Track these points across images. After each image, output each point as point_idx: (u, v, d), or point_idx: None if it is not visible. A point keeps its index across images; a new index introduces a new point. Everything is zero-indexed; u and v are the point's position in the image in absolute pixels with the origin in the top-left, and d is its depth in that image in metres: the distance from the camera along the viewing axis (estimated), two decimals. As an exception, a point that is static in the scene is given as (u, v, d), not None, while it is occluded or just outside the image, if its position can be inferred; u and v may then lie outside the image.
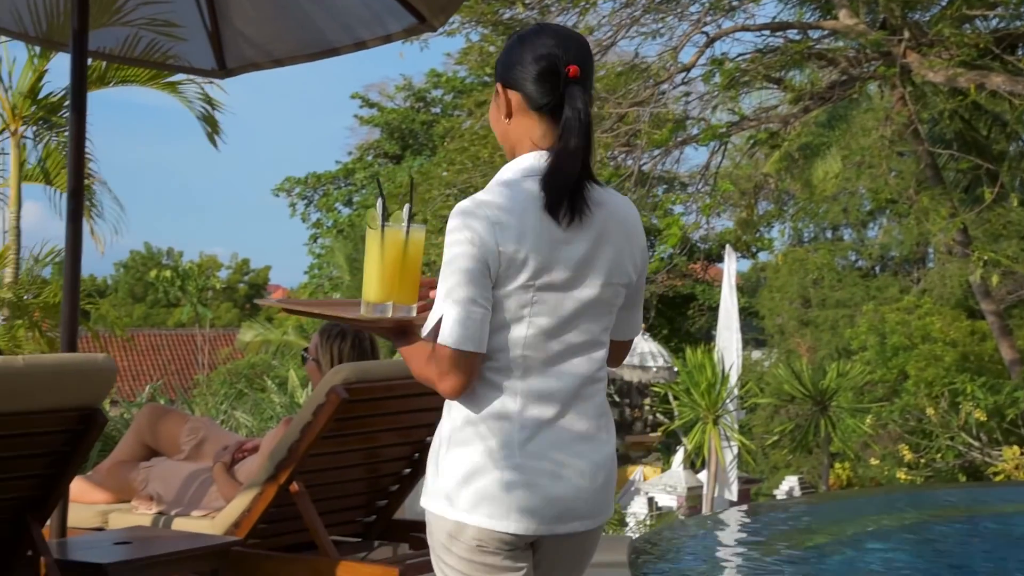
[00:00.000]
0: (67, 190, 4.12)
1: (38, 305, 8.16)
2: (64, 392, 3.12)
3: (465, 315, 2.18)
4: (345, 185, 31.63)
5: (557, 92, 2.24)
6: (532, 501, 2.22)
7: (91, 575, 3.43)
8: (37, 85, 8.91)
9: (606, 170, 18.13)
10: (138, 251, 46.25)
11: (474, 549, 2.24)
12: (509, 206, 2.21)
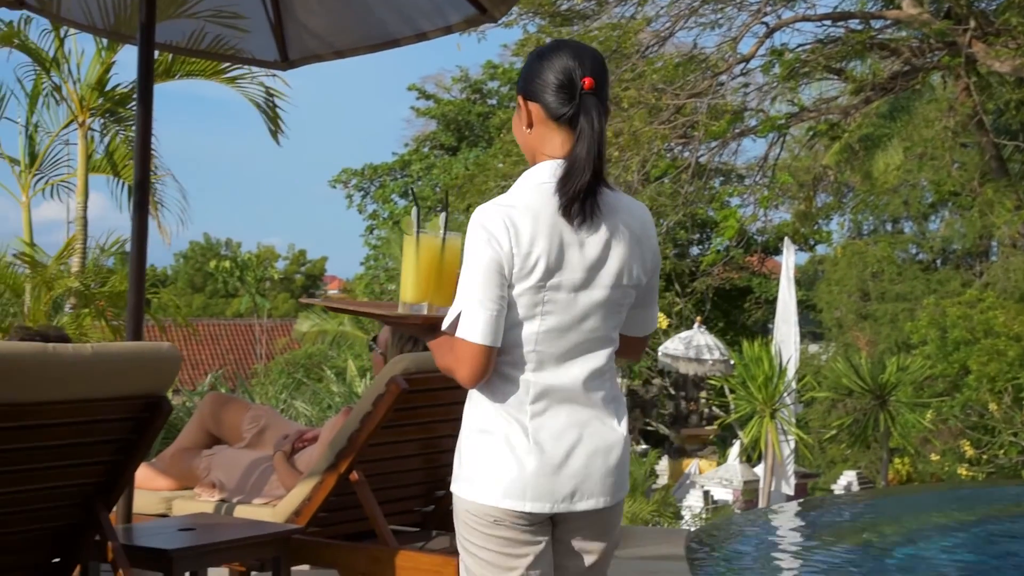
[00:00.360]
0: (133, 181, 4.18)
1: (104, 294, 8.28)
2: (131, 380, 3.16)
3: (482, 312, 2.36)
4: (401, 176, 31.75)
5: (574, 103, 2.41)
6: (545, 482, 2.41)
7: (156, 560, 3.48)
8: (104, 77, 9.01)
9: (663, 162, 18.04)
10: (197, 242, 46.83)
11: (494, 528, 2.43)
12: (525, 210, 2.38)
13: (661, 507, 14.21)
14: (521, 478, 2.41)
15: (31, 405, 2.94)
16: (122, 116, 9.12)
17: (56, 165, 9.37)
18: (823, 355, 23.19)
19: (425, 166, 30.73)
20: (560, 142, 2.44)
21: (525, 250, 2.36)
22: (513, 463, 2.41)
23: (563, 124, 2.43)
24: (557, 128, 2.44)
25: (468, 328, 2.38)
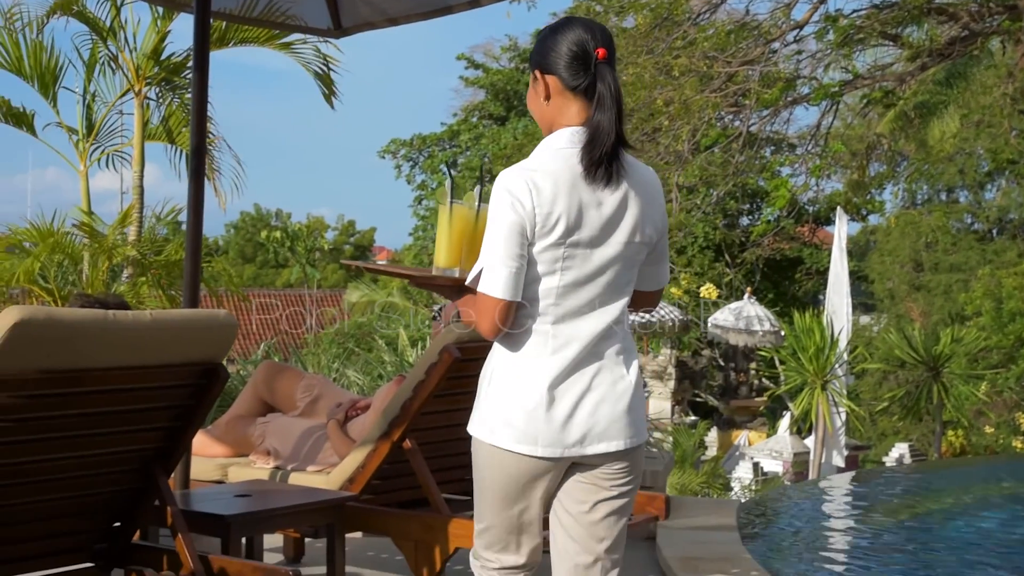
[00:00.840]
0: (189, 148, 4.21)
1: (160, 263, 8.35)
2: (188, 347, 3.19)
3: (503, 269, 2.54)
4: (450, 147, 31.74)
5: (589, 73, 2.57)
6: (555, 429, 2.58)
7: (214, 526, 3.52)
8: (160, 46, 9.04)
9: (713, 131, 17.88)
10: (248, 212, 47.16)
11: (506, 470, 2.62)
12: (547, 173, 2.55)
13: (710, 478, 14.17)
14: (533, 425, 2.58)
15: (92, 371, 2.98)
16: (177, 84, 9.15)
17: (112, 135, 9.45)
18: (875, 326, 22.97)
19: (474, 136, 30.69)
20: (576, 111, 2.60)
21: (546, 210, 2.52)
22: (527, 410, 2.58)
23: (579, 94, 2.59)
24: (573, 98, 2.59)
25: (490, 283, 2.55)
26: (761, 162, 21.69)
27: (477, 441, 2.68)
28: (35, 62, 8.88)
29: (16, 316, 2.77)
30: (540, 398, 2.58)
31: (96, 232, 8.58)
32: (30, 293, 8.27)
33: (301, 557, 4.86)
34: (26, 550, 3.25)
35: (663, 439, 7.20)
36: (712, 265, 25.09)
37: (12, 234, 8.58)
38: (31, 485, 3.11)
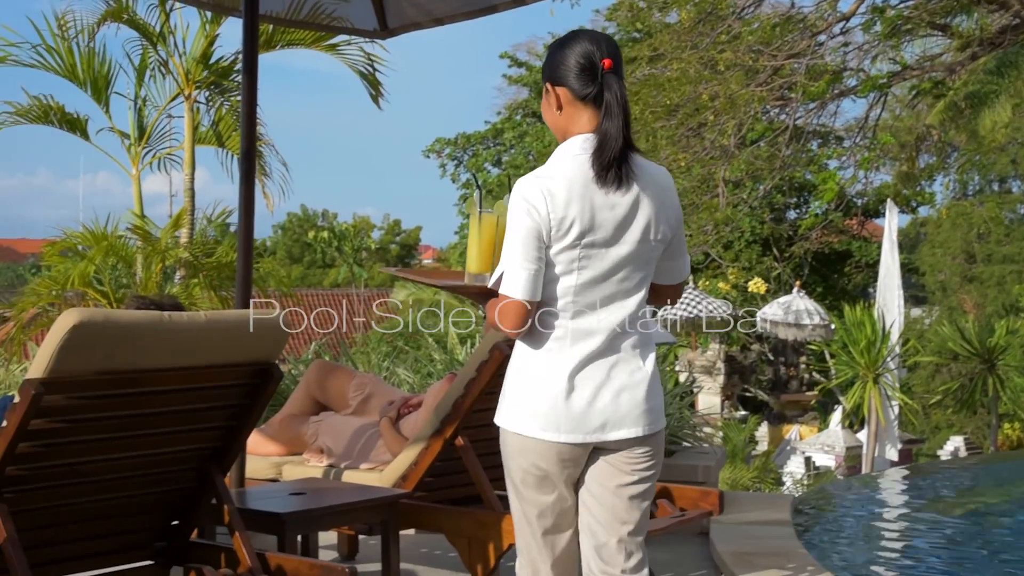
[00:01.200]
0: (240, 152, 4.24)
1: (211, 264, 8.43)
2: (242, 347, 3.22)
3: (522, 272, 2.69)
4: (494, 145, 31.75)
5: (596, 82, 2.71)
6: (577, 416, 2.73)
7: (270, 523, 3.55)
8: (209, 50, 9.12)
9: (759, 125, 17.74)
10: (295, 213, 47.49)
11: (532, 456, 2.76)
12: (561, 179, 2.69)
13: (761, 473, 14.08)
14: (555, 413, 2.73)
15: (149, 372, 3.01)
16: (226, 87, 9.23)
17: (163, 138, 9.56)
18: (926, 319, 22.70)
19: (517, 134, 30.67)
20: (587, 119, 2.74)
21: (560, 214, 2.67)
22: (550, 400, 2.73)
23: (588, 103, 2.73)
24: (583, 107, 2.74)
25: (510, 285, 2.70)
26: (808, 155, 21.49)
27: (504, 431, 2.81)
28: (88, 68, 9.00)
29: (75, 318, 2.81)
30: (561, 388, 2.73)
31: (149, 235, 8.67)
32: (85, 296, 8.39)
33: (355, 554, 4.89)
34: (88, 548, 3.30)
35: (713, 434, 7.15)
36: (760, 259, 24.91)
37: (67, 238, 8.69)
38: (91, 484, 3.15)
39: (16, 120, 9.13)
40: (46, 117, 9.17)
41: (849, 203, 22.66)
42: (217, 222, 9.39)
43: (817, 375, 20.08)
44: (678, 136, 17.14)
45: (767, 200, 24.07)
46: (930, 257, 23.02)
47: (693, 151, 17.50)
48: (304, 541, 3.97)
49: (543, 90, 2.82)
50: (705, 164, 18.20)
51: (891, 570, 5.44)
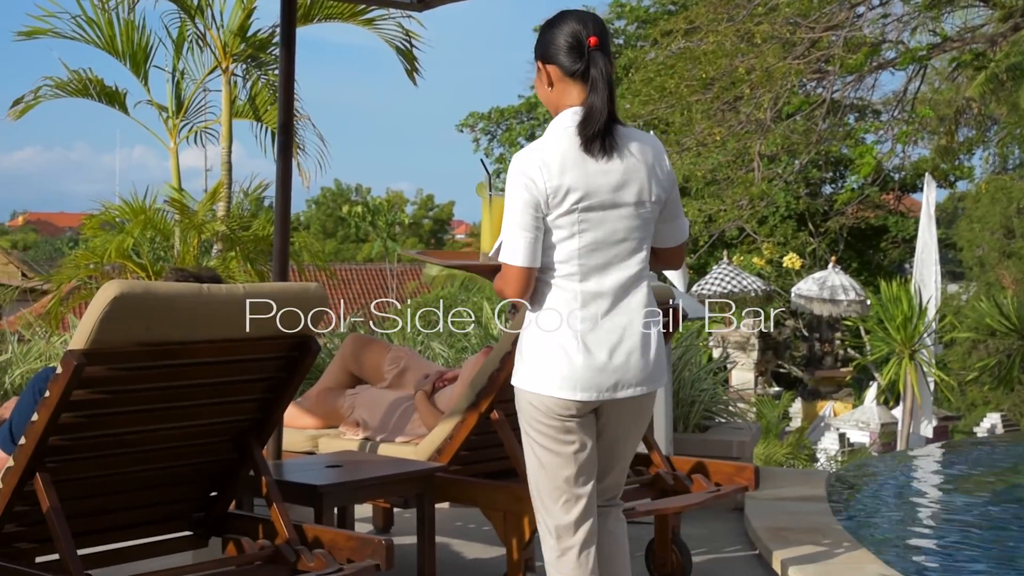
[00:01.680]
0: (277, 125, 4.25)
1: (248, 238, 8.47)
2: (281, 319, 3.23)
3: (520, 240, 2.87)
4: (528, 119, 31.67)
5: (584, 59, 2.88)
6: (593, 376, 2.90)
7: (307, 495, 3.58)
8: (246, 23, 9.13)
9: (796, 98, 17.58)
10: (328, 188, 47.65)
11: (550, 414, 2.93)
12: (554, 150, 2.87)
13: (795, 449, 14.03)
14: (572, 373, 2.90)
15: (188, 344, 3.03)
16: (263, 61, 9.24)
17: (200, 112, 9.58)
18: (963, 295, 22.48)
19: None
20: (576, 93, 2.92)
21: (556, 183, 2.84)
22: (566, 360, 2.90)
23: (577, 78, 2.90)
24: (572, 82, 2.91)
25: (510, 253, 2.89)
26: (845, 129, 21.30)
27: (521, 391, 2.98)
28: (127, 41, 9.02)
29: (116, 290, 2.83)
30: (577, 348, 2.90)
31: (186, 208, 8.72)
32: (123, 269, 8.46)
33: (390, 527, 4.92)
34: (128, 518, 3.33)
35: (747, 410, 7.13)
36: (795, 234, 24.74)
37: (106, 211, 8.76)
38: (131, 455, 3.18)
39: (56, 93, 9.17)
40: (85, 90, 9.21)
41: (886, 177, 22.46)
42: (253, 195, 9.41)
43: (852, 351, 19.96)
44: (713, 110, 17.03)
45: (803, 175, 23.90)
46: (968, 232, 22.76)
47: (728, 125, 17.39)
48: (340, 513, 4.00)
49: (536, 68, 2.98)
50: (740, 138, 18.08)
51: (927, 547, 5.41)
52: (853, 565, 4.21)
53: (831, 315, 18.30)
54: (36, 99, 9.15)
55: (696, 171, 20.23)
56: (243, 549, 3.29)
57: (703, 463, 4.36)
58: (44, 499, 2.93)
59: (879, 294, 13.16)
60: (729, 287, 17.88)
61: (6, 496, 2.97)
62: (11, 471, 2.96)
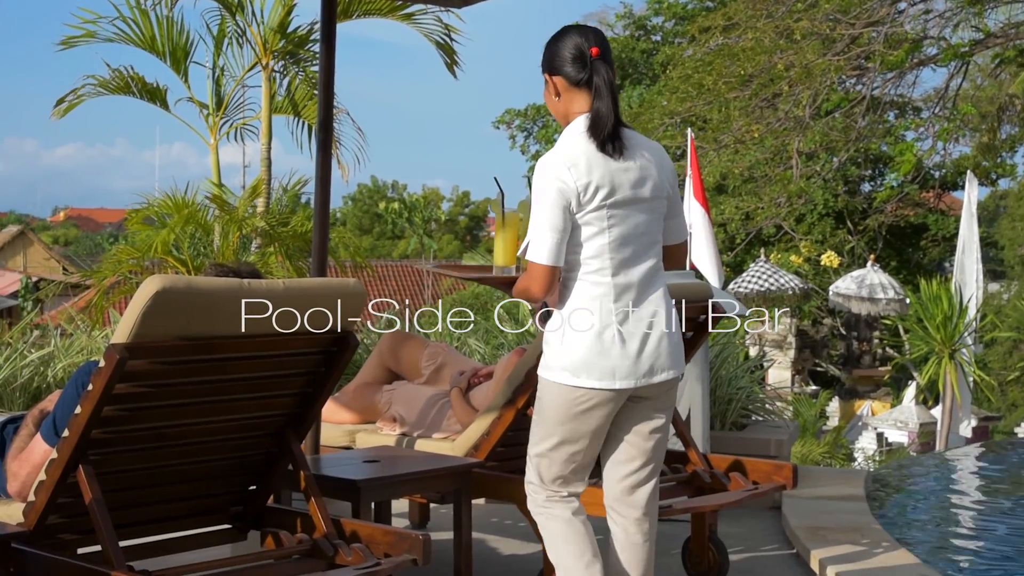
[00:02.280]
0: (316, 121, 4.27)
1: (287, 234, 8.51)
2: (320, 314, 3.24)
3: (548, 239, 3.03)
4: (564, 116, 31.59)
5: (587, 69, 3.08)
6: (631, 364, 3.09)
7: (345, 490, 3.60)
8: (286, 20, 9.17)
9: (835, 95, 17.45)
10: (365, 184, 47.82)
11: (586, 405, 3.10)
12: (576, 153, 3.05)
13: (832, 448, 13.92)
14: (611, 363, 3.07)
15: (228, 338, 3.05)
16: (302, 57, 9.28)
17: (239, 108, 9.64)
18: (1004, 294, 22.24)
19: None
20: (583, 101, 3.12)
21: (585, 181, 3.02)
22: (605, 352, 3.07)
23: (582, 87, 3.10)
24: (578, 91, 3.11)
25: (537, 252, 3.04)
26: (885, 126, 21.11)
27: (556, 385, 3.11)
28: (166, 39, 9.09)
29: (158, 285, 2.85)
30: (613, 340, 3.07)
31: (226, 204, 8.77)
32: (164, 264, 8.53)
33: (427, 522, 4.94)
34: (168, 510, 3.36)
35: (783, 408, 7.09)
36: (834, 232, 24.55)
37: (149, 206, 8.83)
38: (172, 449, 3.21)
39: (98, 91, 9.26)
40: (127, 88, 9.29)
41: (926, 175, 22.24)
42: (293, 191, 9.46)
43: (890, 350, 19.78)
44: (751, 107, 16.94)
45: (841, 172, 23.71)
46: (1010, 230, 22.53)
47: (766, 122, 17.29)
48: (377, 508, 4.01)
49: (544, 81, 3.18)
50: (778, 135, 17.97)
51: (966, 548, 5.36)
52: (892, 565, 4.18)
53: (869, 314, 18.15)
54: (79, 98, 9.25)
55: (734, 168, 20.12)
56: (281, 543, 3.31)
57: (740, 461, 4.34)
58: (87, 491, 2.96)
59: (918, 293, 13.04)
60: (766, 285, 17.77)
61: (50, 487, 3.01)
62: (55, 463, 2.99)
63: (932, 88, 21.64)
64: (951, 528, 5.82)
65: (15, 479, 3.30)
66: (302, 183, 9.18)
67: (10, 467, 3.32)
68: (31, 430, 3.36)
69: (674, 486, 4.24)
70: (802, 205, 21.64)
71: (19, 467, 3.29)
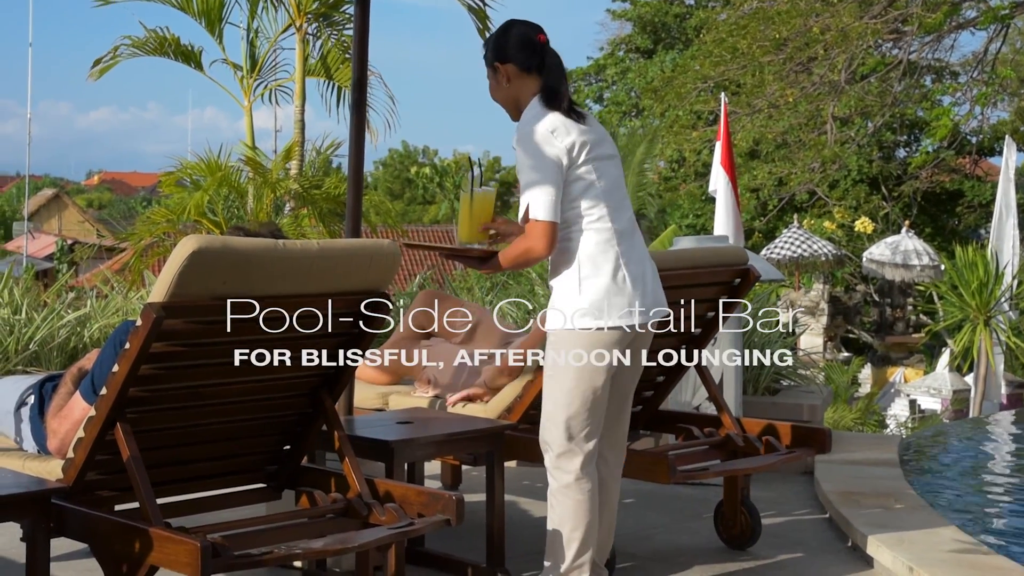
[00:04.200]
0: (351, 82, 4.25)
1: (320, 196, 8.51)
2: (354, 276, 3.25)
3: (551, 196, 3.26)
4: (596, 81, 31.44)
5: (537, 55, 3.39)
6: (642, 300, 3.36)
7: (378, 450, 3.61)
8: (321, -20, 9.10)
9: (871, 59, 17.24)
10: (396, 149, 47.77)
11: (609, 345, 3.32)
12: (551, 119, 3.33)
13: (864, 415, 13.86)
14: (626, 300, 3.32)
15: (263, 298, 3.05)
16: (335, 20, 9.22)
17: (273, 70, 9.61)
18: (1041, 261, 21.97)
19: (620, 70, 30.30)
20: (534, 84, 3.41)
21: (570, 141, 3.30)
22: (620, 291, 3.32)
23: (532, 72, 3.40)
24: (528, 76, 3.40)
25: (545, 210, 3.26)
26: (921, 91, 20.86)
27: (576, 333, 3.30)
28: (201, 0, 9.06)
29: (194, 245, 2.86)
30: (624, 278, 3.32)
31: (260, 166, 8.77)
32: (198, 226, 8.55)
33: (458, 485, 4.96)
34: (204, 469, 3.39)
35: (815, 375, 7.06)
36: (867, 199, 24.34)
37: (183, 168, 8.84)
38: (208, 408, 3.23)
39: (133, 52, 9.25)
40: (162, 49, 9.27)
41: (963, 141, 21.98)
42: (325, 155, 9.43)
43: (924, 317, 19.64)
44: (786, 71, 16.77)
45: (876, 138, 23.47)
46: (1048, 197, 22.22)
47: (801, 86, 17.12)
48: (410, 470, 4.03)
49: (492, 71, 3.44)
50: (813, 100, 17.79)
51: (999, 513, 5.34)
52: (927, 530, 4.16)
53: (903, 280, 18.01)
54: (115, 59, 9.23)
55: (767, 133, 19.96)
56: (316, 502, 3.33)
57: (773, 425, 4.32)
58: (124, 448, 2.99)
59: (953, 259, 12.91)
60: (799, 251, 17.66)
61: (88, 445, 3.04)
62: (93, 421, 3.02)
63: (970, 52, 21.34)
64: (984, 493, 5.79)
65: (54, 436, 3.33)
66: (335, 146, 9.16)
67: (50, 424, 3.36)
68: (69, 388, 3.40)
69: (707, 450, 4.22)
70: (836, 171, 21.46)
71: (58, 424, 3.33)
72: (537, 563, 4.03)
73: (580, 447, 3.37)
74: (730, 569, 4.09)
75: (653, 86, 23.00)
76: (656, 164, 24.31)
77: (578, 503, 3.38)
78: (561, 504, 3.40)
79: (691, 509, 4.95)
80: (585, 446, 3.38)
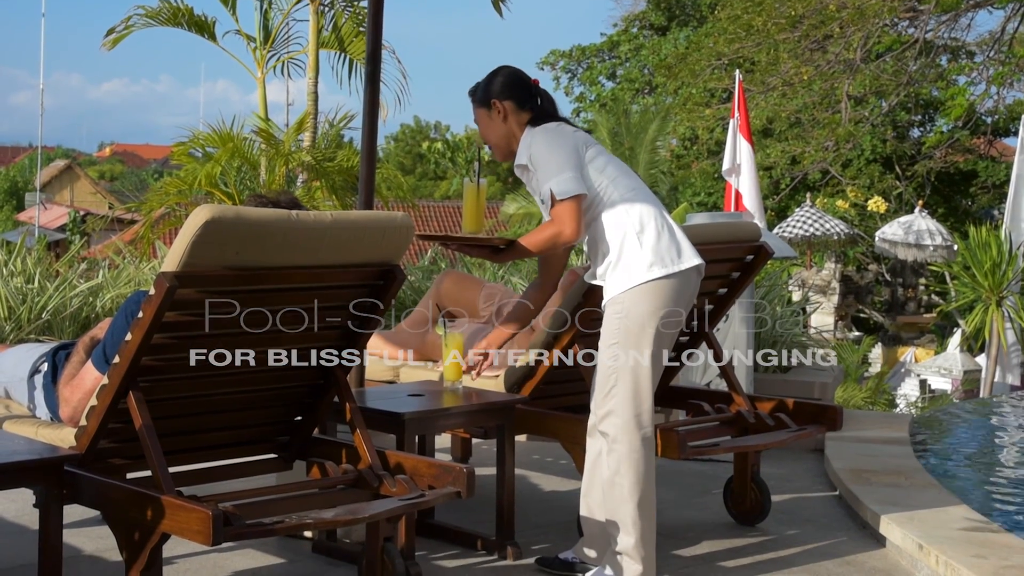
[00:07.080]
0: (366, 52, 4.24)
1: (333, 168, 8.49)
2: (367, 247, 3.24)
3: (569, 173, 3.41)
4: (609, 58, 31.29)
5: (533, 95, 3.64)
6: (687, 246, 3.52)
7: (389, 422, 3.62)
8: (335, -49, 9.05)
9: (887, 38, 17.13)
10: (408, 124, 47.68)
11: (678, 289, 3.45)
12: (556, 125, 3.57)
13: (874, 394, 13.86)
14: (679, 246, 3.47)
15: (275, 269, 3.05)
16: (349, -8, 9.17)
17: (286, 42, 9.57)
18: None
19: (634, 47, 30.15)
20: (527, 121, 3.61)
21: (580, 135, 3.57)
22: (673, 238, 3.48)
23: (526, 110, 3.61)
24: (523, 113, 3.61)
25: (566, 188, 3.40)
26: (937, 70, 20.73)
27: (647, 286, 3.39)
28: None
29: (208, 214, 2.86)
30: (671, 228, 3.51)
31: (273, 138, 8.75)
32: (210, 197, 8.55)
33: (468, 458, 4.97)
34: (216, 438, 3.40)
35: (826, 354, 7.05)
36: (882, 177, 24.23)
37: (194, 139, 8.83)
38: (219, 378, 3.23)
39: (147, 22, 9.20)
40: (175, 19, 9.23)
41: (978, 121, 21.86)
42: (338, 127, 9.40)
43: (935, 297, 19.59)
44: (801, 49, 16.68)
45: (890, 117, 23.35)
46: (1063, 178, 22.08)
47: (815, 65, 17.03)
48: (420, 442, 4.04)
49: (486, 110, 3.62)
50: (827, 78, 17.70)
51: (1010, 493, 5.33)
52: (937, 508, 4.16)
53: (916, 260, 17.95)
54: (127, 28, 9.20)
55: (780, 112, 19.86)
56: (327, 473, 3.34)
57: (785, 402, 4.31)
58: (137, 416, 3.00)
59: (966, 239, 12.87)
60: (811, 230, 17.61)
61: (101, 413, 3.05)
62: (106, 389, 3.03)
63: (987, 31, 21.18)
64: (995, 472, 5.79)
65: (67, 404, 3.35)
66: (348, 118, 9.13)
67: (62, 392, 3.37)
68: (82, 357, 3.40)
69: (718, 426, 4.22)
70: (849, 150, 21.37)
71: (71, 392, 3.34)
72: (546, 536, 4.04)
73: (645, 412, 3.44)
74: (739, 544, 4.09)
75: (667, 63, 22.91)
76: (668, 142, 24.23)
77: (636, 475, 3.40)
78: (622, 474, 3.41)
79: (701, 485, 4.95)
80: (651, 411, 3.47)
